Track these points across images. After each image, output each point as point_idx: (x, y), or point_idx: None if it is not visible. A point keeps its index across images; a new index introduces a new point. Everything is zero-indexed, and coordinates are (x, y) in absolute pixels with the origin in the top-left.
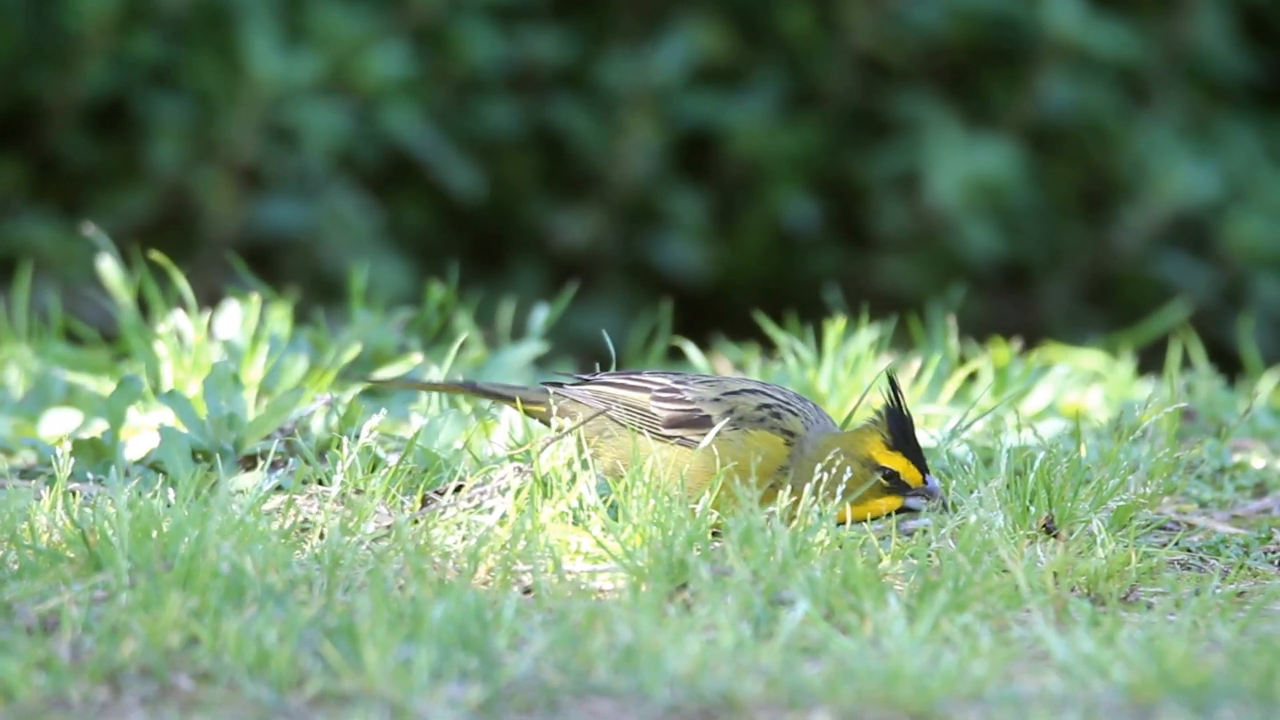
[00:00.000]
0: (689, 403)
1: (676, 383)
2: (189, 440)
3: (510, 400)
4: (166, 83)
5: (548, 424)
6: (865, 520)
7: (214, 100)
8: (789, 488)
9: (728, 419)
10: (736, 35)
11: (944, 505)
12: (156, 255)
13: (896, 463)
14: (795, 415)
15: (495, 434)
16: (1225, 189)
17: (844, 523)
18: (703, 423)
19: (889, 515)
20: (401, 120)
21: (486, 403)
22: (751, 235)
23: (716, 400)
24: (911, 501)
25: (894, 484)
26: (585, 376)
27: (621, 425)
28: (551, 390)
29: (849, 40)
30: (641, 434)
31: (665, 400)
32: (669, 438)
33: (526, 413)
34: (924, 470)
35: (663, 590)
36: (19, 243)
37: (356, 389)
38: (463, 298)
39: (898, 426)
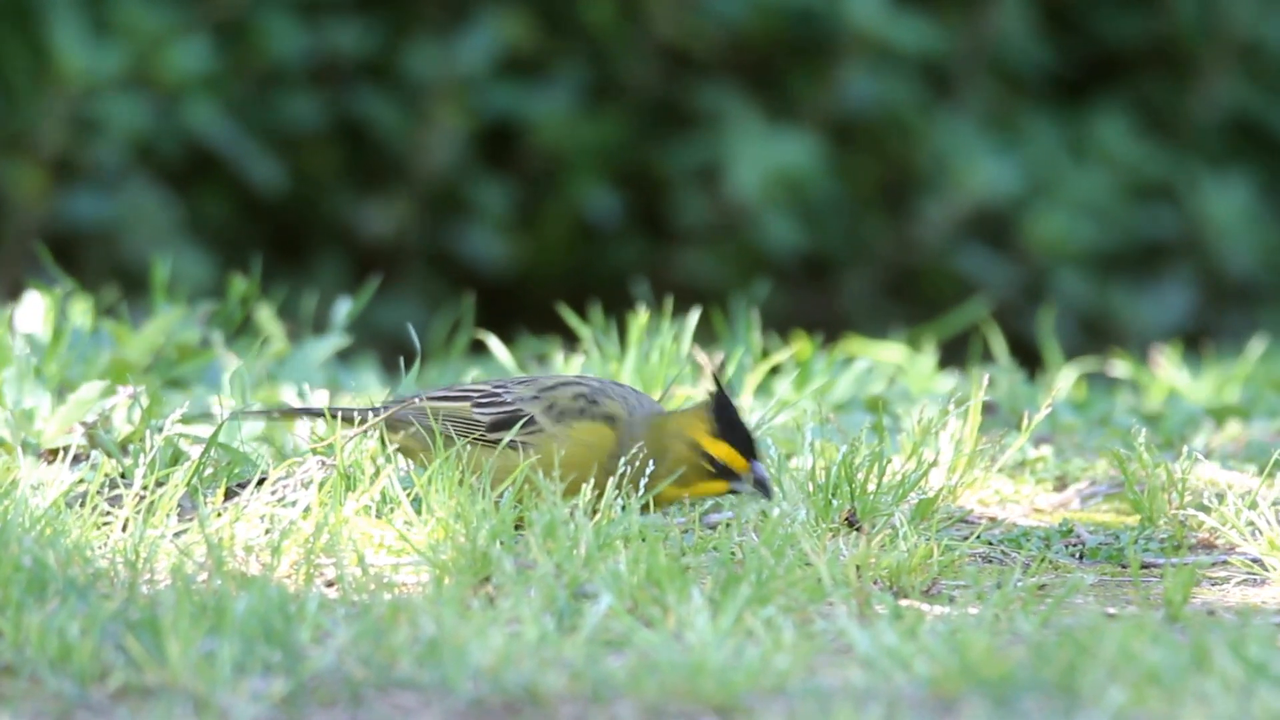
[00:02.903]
0: (509, 404)
1: (496, 387)
2: None
3: (349, 422)
4: None
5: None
6: (695, 498)
7: (18, 91)
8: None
9: (549, 414)
10: (541, 25)
11: (769, 494)
12: None
13: (721, 451)
14: (612, 399)
15: (299, 427)
16: (1026, 183)
17: (674, 501)
18: (526, 423)
19: (723, 495)
20: (202, 114)
21: (292, 399)
22: (554, 227)
23: (535, 398)
24: (738, 486)
25: (720, 471)
26: (408, 396)
27: (452, 438)
28: (391, 409)
29: (651, 31)
30: (468, 441)
31: (486, 405)
32: (494, 442)
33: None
34: (751, 456)
35: (466, 584)
36: None
37: (157, 383)
38: (265, 291)
39: (722, 415)
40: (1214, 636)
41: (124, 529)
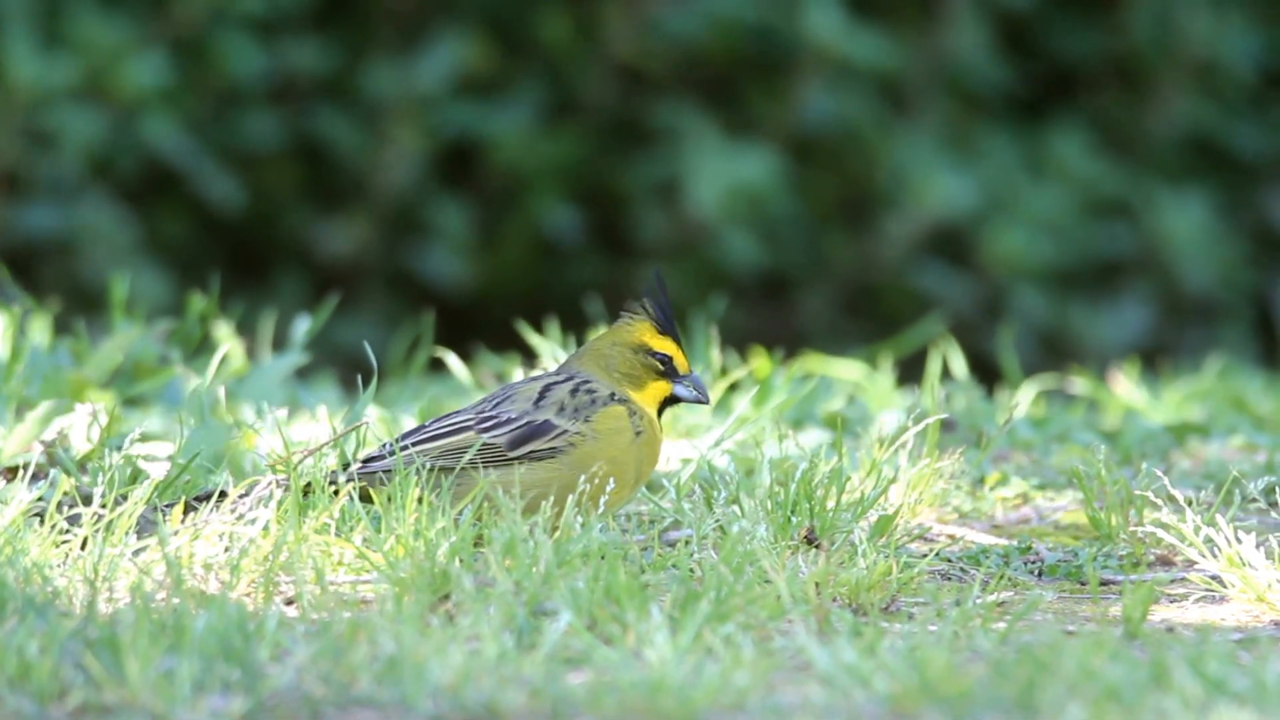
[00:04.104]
0: (516, 419)
1: (483, 411)
2: None
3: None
4: None
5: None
6: (649, 405)
7: None
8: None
9: (562, 415)
10: (497, 45)
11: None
12: None
13: (668, 347)
14: (591, 381)
15: (258, 445)
16: (984, 200)
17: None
18: (544, 429)
19: (662, 407)
20: (160, 130)
21: (250, 417)
22: (513, 244)
23: (539, 406)
24: (679, 390)
25: (666, 369)
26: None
27: (471, 465)
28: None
29: (608, 50)
30: (484, 468)
31: (492, 428)
32: (517, 459)
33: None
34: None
35: (426, 601)
36: None
37: (116, 400)
38: (224, 309)
39: (664, 313)
40: (1173, 653)
41: (83, 547)
